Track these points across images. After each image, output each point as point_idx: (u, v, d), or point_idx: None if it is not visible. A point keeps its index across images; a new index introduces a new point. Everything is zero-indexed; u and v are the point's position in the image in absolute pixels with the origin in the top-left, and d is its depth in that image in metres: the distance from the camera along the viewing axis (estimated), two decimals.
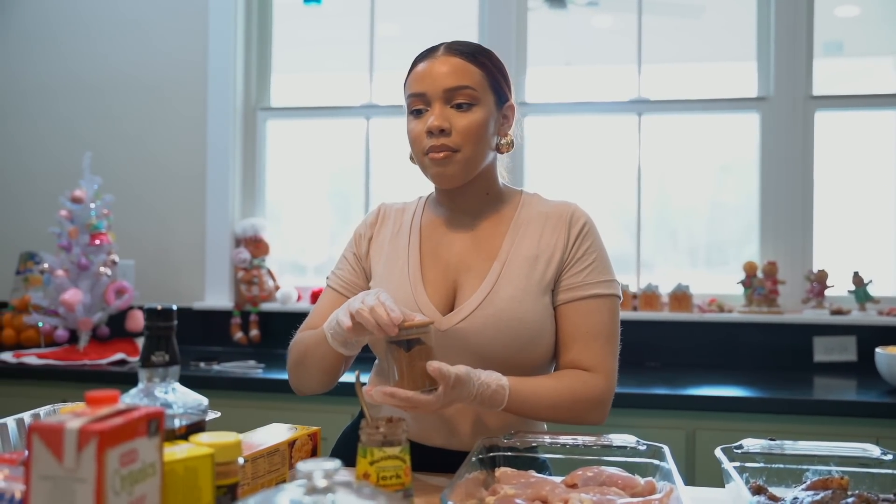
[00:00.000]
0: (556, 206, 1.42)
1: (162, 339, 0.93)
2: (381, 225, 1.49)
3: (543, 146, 3.07)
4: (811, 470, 1.13)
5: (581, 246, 1.37)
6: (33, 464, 0.71)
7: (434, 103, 1.33)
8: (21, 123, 3.26)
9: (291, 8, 3.22)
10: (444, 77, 1.33)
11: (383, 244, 1.47)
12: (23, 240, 3.17)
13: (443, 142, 1.32)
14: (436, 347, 1.20)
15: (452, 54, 1.35)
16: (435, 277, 1.40)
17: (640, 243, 2.97)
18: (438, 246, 1.43)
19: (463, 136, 1.32)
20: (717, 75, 3.02)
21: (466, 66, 1.34)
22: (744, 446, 1.16)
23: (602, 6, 3.08)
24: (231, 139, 3.12)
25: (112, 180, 3.04)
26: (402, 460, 1.00)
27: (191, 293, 3.11)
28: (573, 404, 1.31)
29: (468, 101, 1.33)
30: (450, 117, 1.32)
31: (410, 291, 1.38)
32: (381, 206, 1.53)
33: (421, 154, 1.35)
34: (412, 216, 1.48)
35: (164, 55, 3.16)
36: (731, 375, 2.57)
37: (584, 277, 1.36)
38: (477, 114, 1.33)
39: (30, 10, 3.26)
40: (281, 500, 0.72)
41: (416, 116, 1.36)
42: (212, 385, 2.46)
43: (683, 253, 3.07)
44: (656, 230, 3.03)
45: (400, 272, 1.41)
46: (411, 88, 1.36)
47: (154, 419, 0.78)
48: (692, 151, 3.03)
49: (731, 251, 3.03)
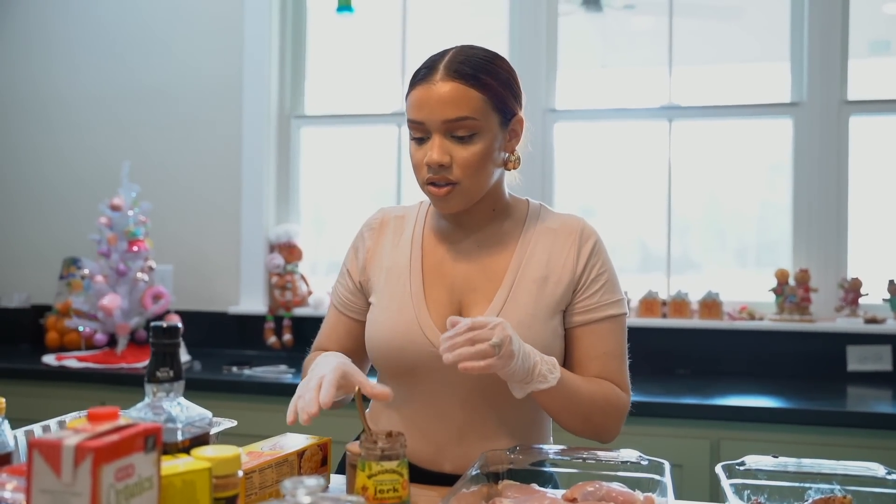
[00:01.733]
0: (564, 222, 1.39)
1: (167, 356, 0.97)
2: (381, 233, 1.45)
3: (573, 152, 3.07)
4: (813, 488, 1.13)
5: (593, 267, 1.36)
6: (34, 478, 0.75)
7: (434, 135, 1.29)
8: (66, 134, 3.37)
9: (325, 16, 3.27)
10: (443, 108, 1.27)
11: (383, 256, 1.42)
12: (66, 245, 3.27)
13: (443, 175, 1.29)
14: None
15: (451, 78, 1.28)
16: (439, 297, 1.36)
17: (671, 249, 2.95)
18: (442, 263, 1.39)
19: (463, 168, 1.28)
20: (750, 79, 2.98)
21: (467, 92, 1.27)
22: (746, 463, 1.17)
23: (638, 8, 3.06)
24: (265, 147, 3.18)
25: (150, 188, 3.12)
26: (400, 474, 1.02)
27: (226, 298, 3.18)
28: (606, 407, 1.32)
29: (469, 132, 1.28)
30: (450, 149, 1.28)
31: (414, 314, 1.35)
32: (381, 212, 1.49)
33: (422, 181, 1.32)
34: (413, 225, 1.44)
35: (200, 66, 3.24)
36: (762, 384, 2.54)
37: (599, 299, 1.35)
38: (478, 145, 1.29)
39: (73, 24, 3.37)
40: None
41: (418, 144, 1.32)
42: (242, 389, 2.51)
43: (714, 260, 3.05)
44: (687, 236, 3.01)
45: (402, 291, 1.37)
46: (410, 114, 1.31)
47: (151, 435, 0.81)
48: (723, 157, 3.00)
49: (763, 258, 2.99)
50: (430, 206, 1.46)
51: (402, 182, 3.18)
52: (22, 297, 3.28)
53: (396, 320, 1.36)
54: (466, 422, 1.34)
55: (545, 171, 3.00)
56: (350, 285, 1.46)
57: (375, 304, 1.41)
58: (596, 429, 1.33)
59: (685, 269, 3.00)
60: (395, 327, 1.35)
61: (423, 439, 1.35)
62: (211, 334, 3.15)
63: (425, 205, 1.47)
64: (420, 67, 1.34)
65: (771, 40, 2.97)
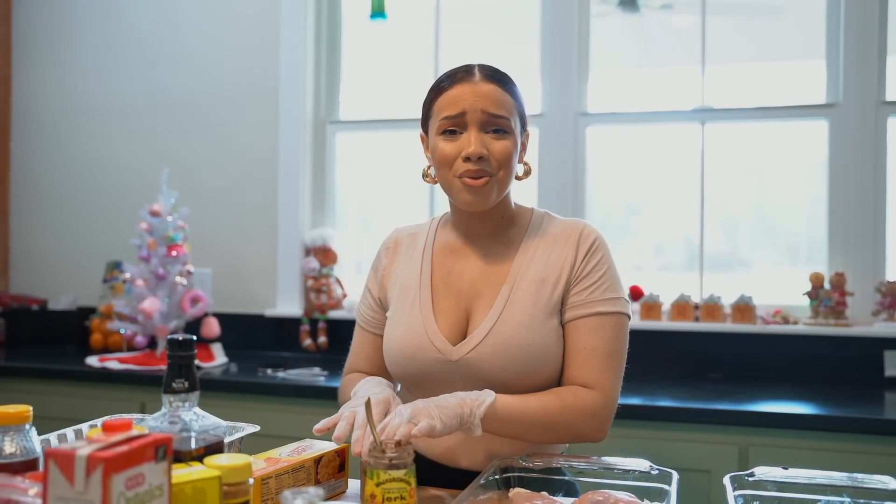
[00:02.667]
0: (566, 226, 1.43)
1: (182, 367, 1.01)
2: (396, 252, 1.53)
3: (606, 156, 3.07)
4: (823, 500, 1.13)
5: (588, 264, 1.38)
6: (49, 486, 0.79)
7: (471, 127, 1.35)
8: (110, 141, 3.47)
9: (359, 23, 3.31)
10: (486, 102, 1.35)
11: (398, 272, 1.50)
12: (111, 250, 3.38)
13: (482, 167, 1.34)
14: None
15: (489, 80, 1.38)
16: (447, 307, 1.42)
17: (703, 252, 2.93)
18: (450, 274, 1.45)
19: (499, 161, 1.35)
20: (784, 79, 2.95)
21: (503, 95, 1.37)
22: (756, 474, 1.17)
23: (676, 8, 3.03)
24: (301, 152, 3.24)
25: (188, 194, 3.20)
26: (408, 482, 1.05)
27: (263, 300, 3.25)
28: (566, 414, 1.30)
29: (503, 129, 1.36)
30: (486, 143, 1.35)
31: (421, 323, 1.41)
32: (395, 232, 1.57)
33: (452, 176, 1.37)
34: (424, 241, 1.51)
35: (237, 74, 3.31)
36: (796, 390, 2.51)
37: (588, 295, 1.37)
38: (509, 140, 1.37)
39: (118, 36, 3.47)
40: None
41: (449, 138, 1.37)
42: (275, 392, 2.57)
43: (747, 264, 3.02)
44: (721, 240, 2.98)
45: (412, 304, 1.44)
46: (448, 111, 1.37)
47: (162, 445, 0.85)
48: (757, 160, 2.97)
49: (798, 262, 2.95)
50: (440, 222, 1.53)
51: (435, 186, 3.20)
52: (69, 300, 3.40)
53: (406, 330, 1.42)
54: None
55: (577, 175, 3.00)
56: (372, 303, 1.54)
57: (390, 318, 1.48)
58: (564, 436, 1.33)
59: (719, 272, 2.97)
60: (405, 337, 1.42)
61: (438, 440, 1.39)
62: (248, 336, 3.22)
63: (436, 221, 1.54)
64: (449, 73, 1.41)
65: (806, 39, 2.93)
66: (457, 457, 1.41)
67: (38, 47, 3.61)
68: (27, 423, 1.05)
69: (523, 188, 3.04)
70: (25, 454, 1.02)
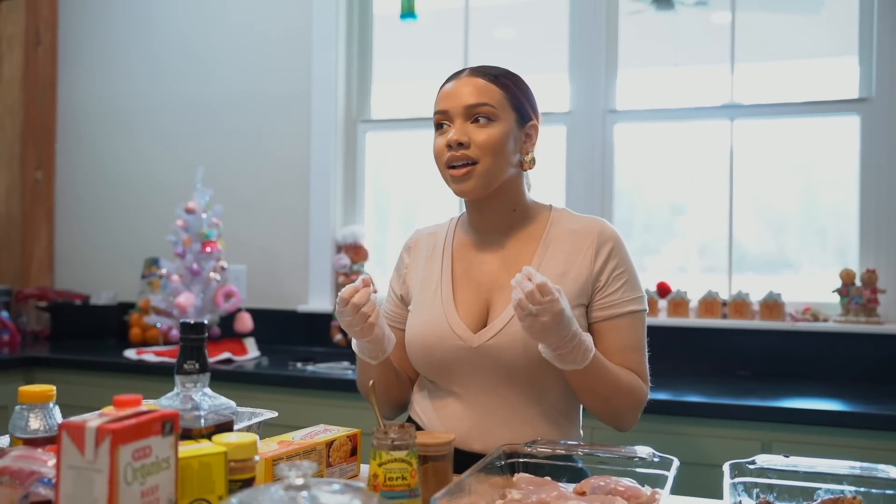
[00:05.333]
0: (585, 223, 1.48)
1: (194, 350, 1.06)
2: (416, 251, 1.60)
3: (634, 153, 3.07)
4: (823, 489, 1.13)
5: (613, 266, 1.44)
6: (62, 455, 0.85)
7: (455, 119, 1.44)
8: (147, 141, 3.58)
9: (390, 23, 3.36)
10: (466, 95, 1.44)
11: (419, 269, 1.57)
12: (149, 246, 3.48)
13: (462, 153, 1.41)
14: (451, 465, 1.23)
15: (476, 76, 1.47)
16: (467, 297, 1.48)
17: (732, 250, 2.91)
18: (470, 266, 1.51)
19: (481, 148, 1.42)
20: (814, 75, 2.92)
21: (488, 86, 1.45)
22: (757, 462, 1.18)
23: (712, 5, 3.01)
24: (333, 151, 3.30)
25: (223, 192, 3.28)
26: (409, 463, 1.09)
27: (295, 296, 3.32)
28: (628, 393, 1.40)
29: (486, 117, 1.43)
30: (469, 132, 1.43)
31: (443, 312, 1.47)
32: (416, 233, 1.64)
33: (443, 167, 1.46)
34: (444, 239, 1.58)
35: (270, 74, 3.38)
36: (825, 387, 2.49)
37: (620, 296, 1.44)
38: (495, 128, 1.43)
39: (152, 40, 3.57)
40: (263, 496, 0.83)
41: (439, 132, 1.47)
42: (304, 384, 2.62)
43: (775, 262, 3.00)
44: (749, 236, 2.97)
45: (433, 294, 1.50)
46: (436, 106, 1.48)
47: (168, 420, 0.90)
48: (787, 156, 2.95)
49: (828, 259, 2.92)
50: (459, 220, 1.60)
51: None
52: (109, 296, 3.50)
53: (428, 320, 1.48)
54: (495, 407, 1.44)
55: (605, 172, 3.01)
56: (395, 299, 1.61)
57: (412, 310, 1.55)
58: (615, 412, 1.41)
59: (745, 270, 2.96)
60: (426, 326, 1.48)
61: (454, 423, 1.45)
62: (281, 331, 3.29)
63: (454, 220, 1.61)
64: (449, 76, 1.52)
65: (839, 35, 2.89)
66: (470, 441, 1.45)
67: (82, 54, 3.73)
68: (51, 401, 1.11)
69: (551, 184, 3.06)
70: (48, 430, 1.08)
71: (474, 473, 1.14)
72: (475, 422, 1.44)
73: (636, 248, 3.08)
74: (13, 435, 1.09)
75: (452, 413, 1.47)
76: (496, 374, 1.41)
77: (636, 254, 3.10)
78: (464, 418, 1.46)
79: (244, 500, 0.81)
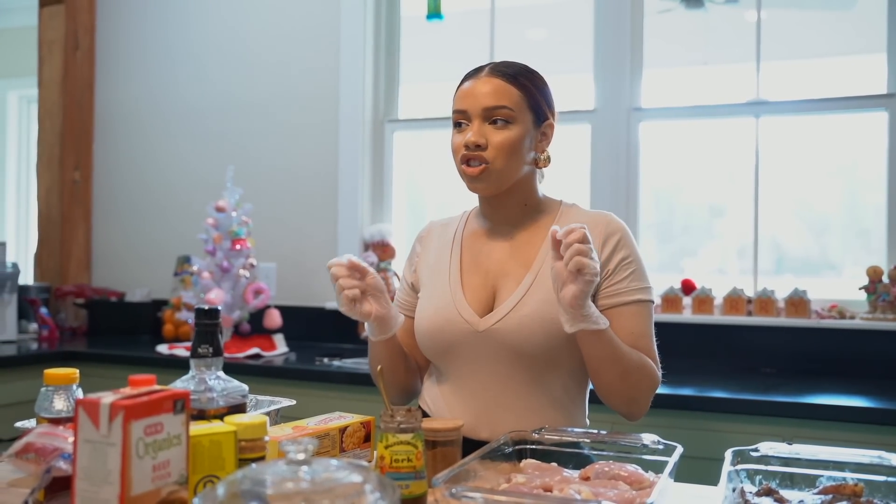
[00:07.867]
0: (593, 217, 1.51)
1: (208, 334, 1.10)
2: (428, 240, 1.65)
3: (659, 151, 3.07)
4: (825, 476, 1.14)
5: (620, 256, 1.47)
6: (79, 430, 0.90)
7: (474, 119, 1.47)
8: (180, 141, 3.67)
9: (416, 23, 3.41)
10: (485, 97, 1.46)
11: (430, 258, 1.62)
12: (181, 244, 3.56)
13: (478, 154, 1.45)
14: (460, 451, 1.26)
15: (495, 75, 1.49)
16: (475, 283, 1.52)
17: (758, 248, 2.90)
18: (479, 255, 1.55)
19: (497, 150, 1.45)
20: (841, 72, 2.90)
21: (507, 87, 1.47)
22: (760, 449, 1.19)
23: (742, 3, 3.00)
24: (360, 150, 3.35)
25: (253, 191, 3.35)
26: (415, 446, 1.12)
27: (324, 294, 3.37)
28: (643, 371, 1.41)
29: (504, 119, 1.45)
30: (486, 133, 1.45)
31: (451, 296, 1.51)
32: (429, 224, 1.69)
33: (459, 163, 1.49)
34: (455, 229, 1.62)
35: (299, 75, 3.45)
36: (851, 384, 2.47)
37: (627, 284, 1.46)
38: (512, 131, 1.45)
39: (186, 43, 3.66)
40: (265, 470, 0.87)
41: (458, 130, 1.50)
42: (330, 379, 2.67)
43: (798, 260, 2.97)
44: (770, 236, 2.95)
45: (442, 280, 1.55)
46: (456, 105, 1.51)
47: (180, 399, 0.95)
48: (813, 152, 2.93)
49: (856, 256, 2.89)
50: (471, 212, 1.64)
51: None
52: (144, 293, 3.59)
53: (437, 304, 1.53)
54: (501, 393, 1.47)
55: (629, 170, 3.01)
56: (406, 287, 1.66)
57: (422, 296, 1.60)
58: (630, 391, 1.41)
59: (771, 268, 2.94)
60: (435, 310, 1.53)
61: (462, 410, 1.49)
62: (309, 328, 3.34)
63: (467, 213, 1.65)
64: (468, 72, 1.55)
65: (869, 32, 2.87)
66: (478, 429, 1.48)
67: (118, 58, 3.83)
68: (74, 383, 1.16)
69: (575, 182, 3.08)
70: (71, 410, 1.13)
71: (479, 458, 1.17)
72: (482, 409, 1.48)
73: (674, 250, 3.08)
74: (39, 415, 1.14)
75: (460, 400, 1.51)
76: (502, 359, 1.44)
77: (673, 256, 3.10)
78: (471, 405, 1.49)
79: (248, 474, 0.85)
